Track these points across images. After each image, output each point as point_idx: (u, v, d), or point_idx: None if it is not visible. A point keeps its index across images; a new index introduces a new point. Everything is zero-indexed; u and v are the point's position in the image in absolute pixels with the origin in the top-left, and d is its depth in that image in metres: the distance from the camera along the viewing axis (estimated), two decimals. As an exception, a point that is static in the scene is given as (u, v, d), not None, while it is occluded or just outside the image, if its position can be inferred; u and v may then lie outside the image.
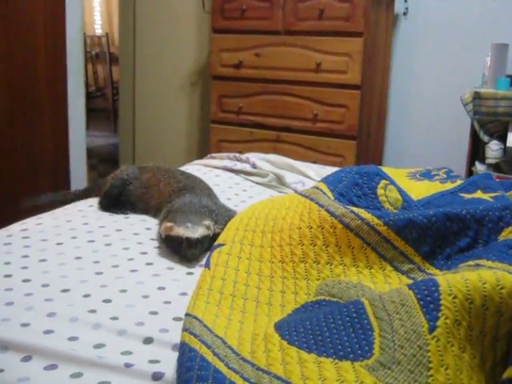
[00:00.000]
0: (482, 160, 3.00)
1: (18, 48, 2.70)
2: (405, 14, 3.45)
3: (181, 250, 1.33)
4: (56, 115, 2.97)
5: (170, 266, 1.30)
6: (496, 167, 2.86)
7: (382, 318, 0.79)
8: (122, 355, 0.91)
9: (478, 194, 1.55)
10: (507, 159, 2.87)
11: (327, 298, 0.98)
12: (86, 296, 1.12)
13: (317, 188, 1.26)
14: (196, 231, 1.33)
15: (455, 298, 0.76)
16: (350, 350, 0.77)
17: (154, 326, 1.01)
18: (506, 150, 2.88)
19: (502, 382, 0.74)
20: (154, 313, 1.06)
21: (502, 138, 2.91)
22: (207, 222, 1.37)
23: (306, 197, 1.21)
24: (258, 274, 1.09)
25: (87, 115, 3.45)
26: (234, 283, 1.06)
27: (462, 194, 1.57)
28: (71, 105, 3.06)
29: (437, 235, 1.03)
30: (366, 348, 0.76)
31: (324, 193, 1.21)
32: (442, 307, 0.75)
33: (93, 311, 1.05)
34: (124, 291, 1.15)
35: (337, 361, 0.76)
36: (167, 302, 1.11)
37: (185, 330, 0.90)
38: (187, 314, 0.95)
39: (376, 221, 1.05)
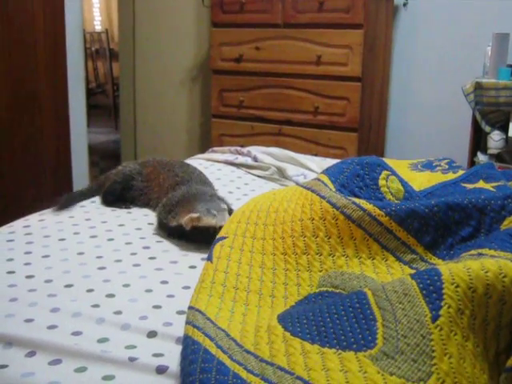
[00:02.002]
0: (484, 150, 2.99)
1: (18, 45, 2.69)
2: (405, 5, 3.43)
3: (211, 239, 1.28)
4: (57, 112, 2.97)
5: (172, 259, 1.30)
6: (498, 157, 2.85)
7: (384, 308, 0.79)
8: (126, 349, 0.91)
9: (480, 184, 1.55)
10: (509, 149, 2.86)
11: (330, 290, 0.98)
12: (90, 291, 1.12)
13: (318, 179, 1.25)
14: (224, 218, 1.33)
15: (458, 286, 0.76)
16: (353, 340, 0.77)
17: (158, 319, 1.01)
18: (507, 140, 2.88)
19: (505, 371, 0.74)
20: (157, 307, 1.06)
21: (504, 128, 2.90)
22: (224, 206, 1.39)
23: (308, 189, 1.21)
24: (261, 266, 1.09)
25: (88, 112, 3.45)
26: (236, 276, 1.06)
27: (464, 184, 1.57)
28: (72, 102, 3.06)
29: (439, 225, 1.03)
30: (369, 338, 0.76)
31: (325, 184, 1.21)
32: (444, 296, 0.75)
33: (96, 306, 1.06)
34: (127, 285, 1.15)
35: (340, 351, 0.76)
36: (170, 296, 1.11)
37: (188, 323, 0.90)
38: (190, 307, 0.95)
39: (378, 211, 1.04)
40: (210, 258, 1.13)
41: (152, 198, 1.66)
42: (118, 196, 1.70)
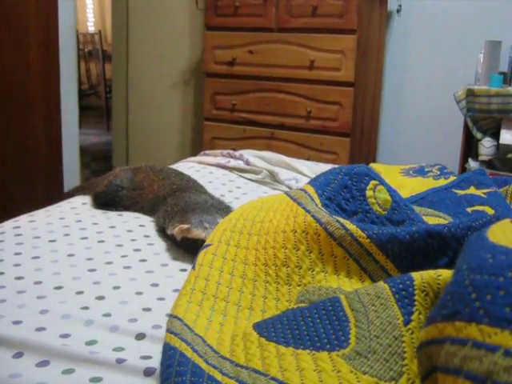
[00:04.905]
0: (475, 157, 3.01)
1: (11, 46, 2.68)
2: (398, 11, 3.45)
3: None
4: (49, 113, 2.96)
5: (163, 262, 1.30)
6: (489, 164, 2.87)
7: (357, 310, 0.80)
8: (114, 351, 0.90)
9: (472, 190, 1.56)
10: (500, 156, 2.88)
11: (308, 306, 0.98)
12: (79, 293, 1.12)
13: (305, 192, 1.24)
14: None
15: (427, 295, 0.77)
16: (326, 341, 0.78)
17: (147, 322, 1.01)
18: (498, 146, 2.89)
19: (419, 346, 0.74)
20: (147, 309, 1.06)
21: (495, 135, 2.92)
22: (221, 219, 1.35)
23: (294, 200, 1.20)
24: (242, 276, 1.08)
25: (80, 113, 3.44)
26: (217, 284, 1.06)
27: (455, 190, 1.58)
28: (64, 102, 3.05)
29: (418, 252, 1.02)
30: (343, 338, 0.77)
31: (312, 198, 1.19)
32: (416, 303, 0.77)
33: (85, 308, 1.05)
34: (117, 288, 1.15)
35: (314, 352, 0.77)
36: (161, 299, 1.11)
37: (167, 330, 0.90)
38: (170, 315, 0.95)
39: (359, 233, 1.04)
40: (193, 266, 1.12)
41: (145, 205, 1.63)
42: (107, 202, 1.69)
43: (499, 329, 0.55)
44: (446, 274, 0.79)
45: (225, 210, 1.48)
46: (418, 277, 0.79)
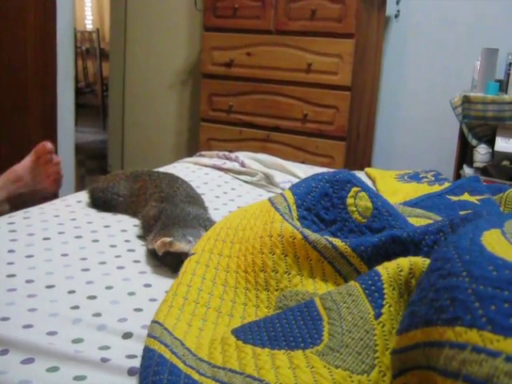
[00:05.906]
0: (470, 164, 3.02)
1: (8, 42, 2.68)
2: (396, 16, 3.46)
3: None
4: (45, 110, 2.95)
5: (157, 263, 1.29)
6: (484, 171, 2.88)
7: (330, 308, 0.82)
8: (100, 350, 0.90)
9: (465, 197, 1.57)
10: (495, 163, 2.89)
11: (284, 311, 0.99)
12: (71, 292, 1.11)
13: (285, 199, 1.24)
14: None
15: (394, 289, 0.80)
16: (301, 339, 0.80)
17: (137, 322, 1.00)
18: (493, 154, 2.90)
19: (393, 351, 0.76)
20: (138, 310, 1.05)
21: (490, 142, 2.93)
22: (204, 232, 1.33)
23: (272, 204, 1.21)
24: (224, 284, 1.09)
25: (76, 111, 3.43)
26: (198, 291, 1.06)
27: (449, 197, 1.59)
28: (60, 100, 3.05)
29: (385, 255, 1.03)
30: (316, 336, 0.79)
31: (290, 209, 1.20)
32: (385, 296, 0.79)
33: (76, 307, 1.04)
34: (110, 288, 1.14)
35: (289, 351, 0.79)
36: (153, 300, 1.10)
37: (147, 335, 0.91)
38: (152, 321, 0.96)
39: (334, 238, 1.05)
40: (178, 275, 1.13)
41: (137, 211, 1.60)
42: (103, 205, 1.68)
43: (502, 336, 0.56)
44: (405, 268, 0.82)
45: (208, 221, 1.44)
46: (384, 272, 0.82)
